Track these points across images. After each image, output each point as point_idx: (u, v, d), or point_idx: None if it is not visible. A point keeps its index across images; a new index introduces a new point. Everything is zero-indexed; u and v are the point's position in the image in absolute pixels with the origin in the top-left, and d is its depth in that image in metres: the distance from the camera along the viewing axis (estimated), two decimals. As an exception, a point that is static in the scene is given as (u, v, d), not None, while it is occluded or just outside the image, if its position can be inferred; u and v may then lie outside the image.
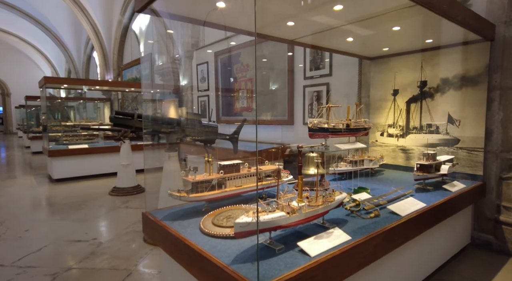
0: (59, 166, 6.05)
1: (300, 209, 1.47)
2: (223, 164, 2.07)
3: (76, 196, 4.96)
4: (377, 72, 3.58)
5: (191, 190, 1.97)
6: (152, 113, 5.57)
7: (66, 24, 15.97)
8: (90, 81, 6.52)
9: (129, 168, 5.15)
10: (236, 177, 2.09)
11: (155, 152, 5.10)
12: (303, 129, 4.80)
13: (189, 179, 1.95)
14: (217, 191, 1.99)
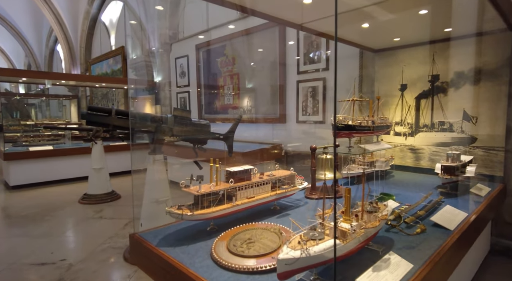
0: (17, 170, 5.29)
1: (354, 233, 1.11)
2: (233, 171, 1.67)
3: (39, 206, 4.30)
4: (383, 65, 3.32)
5: (194, 204, 1.56)
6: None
7: (23, 12, 14.56)
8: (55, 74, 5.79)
9: (102, 173, 4.56)
10: (248, 186, 1.70)
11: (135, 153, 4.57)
12: (297, 127, 4.48)
13: (192, 190, 1.52)
14: (227, 205, 1.58)
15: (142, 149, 6.37)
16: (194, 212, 1.46)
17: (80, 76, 6.55)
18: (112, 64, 9.23)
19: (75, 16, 11.19)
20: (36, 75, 5.55)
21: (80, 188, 5.35)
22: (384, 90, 3.34)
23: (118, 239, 3.11)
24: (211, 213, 1.50)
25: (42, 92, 15.24)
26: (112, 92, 9.43)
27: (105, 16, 10.21)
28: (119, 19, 9.41)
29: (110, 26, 10.02)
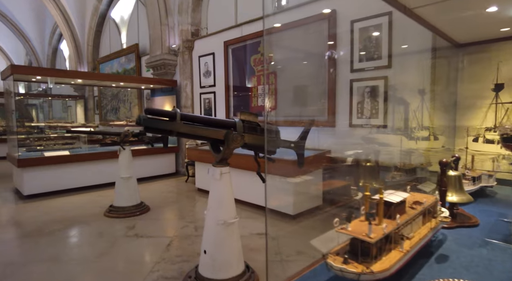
0: (32, 178, 4.79)
1: None
2: (395, 202, 1.20)
3: (61, 220, 3.81)
4: (471, 62, 2.89)
5: (352, 253, 1.09)
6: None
7: (26, 10, 14.02)
8: (71, 72, 5.28)
9: (131, 182, 4.08)
10: (409, 221, 1.24)
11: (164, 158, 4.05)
12: (350, 132, 4.03)
13: (356, 234, 1.06)
14: (398, 253, 1.12)
15: (169, 154, 5.90)
16: (370, 268, 1.00)
17: (94, 75, 6.05)
18: (124, 63, 8.74)
19: (82, 12, 10.68)
20: (51, 74, 5.04)
21: (101, 197, 4.87)
22: (471, 90, 2.91)
23: (167, 265, 2.64)
24: (391, 268, 1.04)
25: (45, 92, 14.70)
26: (123, 92, 8.94)
27: (115, 13, 9.72)
28: (131, 16, 8.92)
29: (121, 23, 9.52)
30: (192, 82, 6.53)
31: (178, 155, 6.79)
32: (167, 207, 4.36)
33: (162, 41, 6.58)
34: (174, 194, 5.09)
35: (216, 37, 5.90)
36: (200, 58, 6.26)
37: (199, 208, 4.30)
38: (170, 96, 6.85)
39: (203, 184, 5.10)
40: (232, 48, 5.52)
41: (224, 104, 5.77)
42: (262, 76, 5.02)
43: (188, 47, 6.45)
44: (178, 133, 2.07)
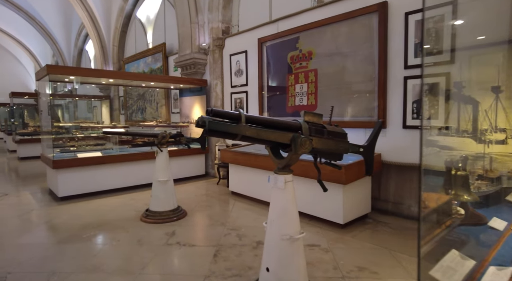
0: (66, 180, 4.72)
1: None
2: None
3: (98, 224, 3.68)
4: (562, 54, 2.51)
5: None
6: None
7: (54, 12, 14.31)
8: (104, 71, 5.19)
9: (168, 185, 3.91)
10: None
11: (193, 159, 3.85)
12: (404, 133, 3.70)
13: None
14: None
15: (198, 155, 5.67)
16: None
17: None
18: (151, 63, 8.67)
19: (108, 13, 10.74)
20: (87, 73, 4.96)
21: (133, 200, 4.74)
22: (563, 87, 2.53)
23: (218, 280, 2.42)
24: None
25: (70, 92, 14.98)
26: (150, 92, 8.88)
27: (141, 13, 9.69)
28: (158, 15, 8.84)
29: (147, 23, 9.48)
30: (222, 82, 6.33)
31: (208, 156, 6.62)
32: (203, 212, 4.17)
33: (192, 40, 6.42)
34: (207, 197, 4.90)
35: (249, 34, 5.68)
36: (231, 56, 6.05)
37: (237, 213, 4.08)
38: (199, 96, 6.69)
39: (237, 187, 4.89)
40: (267, 45, 5.27)
41: (257, 104, 5.54)
42: (301, 74, 4.74)
43: (219, 45, 6.26)
44: (243, 136, 1.84)
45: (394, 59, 3.73)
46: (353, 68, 4.11)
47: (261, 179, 4.38)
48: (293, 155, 1.94)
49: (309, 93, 4.65)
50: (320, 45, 4.47)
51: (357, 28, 4.02)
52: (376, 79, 3.86)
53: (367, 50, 3.94)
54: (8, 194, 5.15)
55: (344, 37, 4.18)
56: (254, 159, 4.34)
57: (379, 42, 3.78)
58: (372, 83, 3.92)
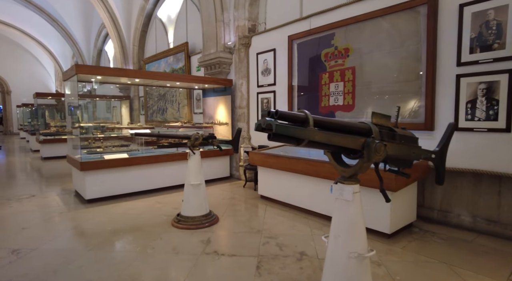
0: (94, 182, 4.62)
1: None
2: None
3: (129, 229, 3.55)
4: None
5: None
6: None
7: (75, 14, 14.49)
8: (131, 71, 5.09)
9: (200, 189, 3.74)
10: None
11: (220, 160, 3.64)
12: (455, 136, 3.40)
13: None
14: None
15: (223, 156, 5.44)
16: None
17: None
18: (173, 62, 8.58)
19: (129, 13, 10.73)
20: (113, 73, 4.86)
21: (160, 203, 4.60)
22: None
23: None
24: None
25: (89, 93, 15.13)
26: (171, 92, 8.79)
27: (162, 12, 9.62)
28: (179, 14, 8.73)
29: (168, 22, 9.40)
30: (248, 81, 6.14)
31: (232, 158, 6.45)
32: (235, 217, 3.98)
33: (217, 39, 6.26)
34: (237, 201, 4.72)
35: (277, 32, 5.46)
36: (258, 55, 5.85)
37: (271, 220, 3.87)
38: (223, 96, 6.53)
39: (267, 191, 4.68)
40: (298, 43, 5.04)
41: (286, 104, 5.32)
42: (336, 72, 4.50)
43: (245, 44, 6.07)
44: (310, 142, 1.63)
45: (444, 56, 3.44)
46: (396, 65, 3.84)
47: (298, 185, 4.16)
48: (365, 163, 1.71)
49: (346, 93, 4.40)
50: (358, 41, 4.21)
51: (402, 23, 3.74)
52: (422, 78, 3.58)
53: (412, 46, 3.66)
54: (35, 196, 5.11)
55: (386, 33, 3.91)
56: (290, 162, 4.12)
57: (427, 37, 3.49)
58: (417, 82, 3.64)
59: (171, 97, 8.85)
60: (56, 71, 22.13)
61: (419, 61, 3.61)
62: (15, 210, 4.31)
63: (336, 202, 1.85)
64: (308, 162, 3.88)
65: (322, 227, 3.61)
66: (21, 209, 4.38)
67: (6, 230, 3.57)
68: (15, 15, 16.62)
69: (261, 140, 5.85)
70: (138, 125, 5.75)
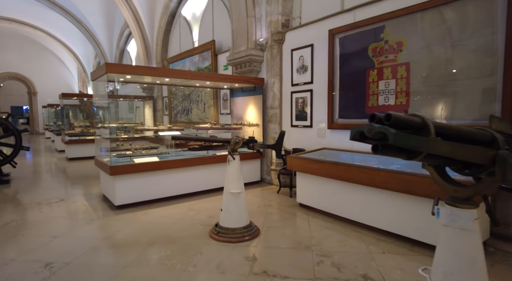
0: (123, 188, 4.39)
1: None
2: None
3: (165, 242, 3.26)
4: None
5: None
6: None
7: (98, 15, 14.55)
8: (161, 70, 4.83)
9: (241, 198, 3.41)
10: None
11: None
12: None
13: None
14: None
15: (253, 160, 4.99)
16: None
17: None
18: (198, 62, 8.32)
19: (152, 12, 10.58)
20: (154, 73, 4.66)
21: (193, 211, 4.31)
22: None
23: None
24: None
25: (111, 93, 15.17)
26: (196, 92, 8.54)
27: (186, 10, 9.39)
28: (205, 11, 8.46)
29: (193, 20, 9.16)
30: (281, 80, 5.77)
31: (263, 161, 6.10)
32: (277, 229, 3.62)
33: (248, 35, 5.92)
34: (274, 210, 4.36)
35: (316, 26, 5.07)
36: (293, 51, 5.47)
37: (318, 233, 3.48)
38: (253, 96, 6.19)
39: (308, 199, 4.30)
40: (341, 37, 4.63)
41: (325, 104, 4.91)
42: (386, 68, 4.06)
43: (278, 40, 5.70)
44: (429, 155, 1.25)
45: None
46: (462, 61, 3.37)
47: (345, 194, 3.76)
48: (495, 182, 1.31)
49: (398, 91, 3.95)
50: (413, 34, 3.76)
51: (470, 11, 3.27)
52: (498, 74, 3.10)
53: (484, 38, 3.19)
54: (64, 200, 4.93)
55: (448, 24, 3.44)
56: (337, 169, 3.72)
57: (507, 27, 3.01)
58: (491, 79, 3.16)
59: (196, 97, 8.61)
60: (79, 72, 22.52)
61: (493, 55, 3.13)
62: (45, 216, 4.13)
63: (446, 230, 1.46)
64: (360, 169, 3.48)
65: (377, 242, 3.20)
66: (51, 214, 4.20)
67: (38, 238, 3.36)
68: (42, 18, 16.94)
69: (294, 142, 5.48)
70: (167, 127, 5.49)
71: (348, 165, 3.64)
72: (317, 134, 5.09)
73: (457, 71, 3.42)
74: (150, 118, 11.10)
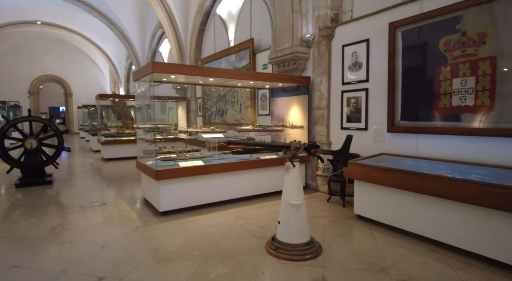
0: (168, 193, 4.18)
1: None
2: None
3: (219, 257, 2.97)
4: None
5: None
6: None
7: (131, 17, 14.76)
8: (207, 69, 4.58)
9: (301, 211, 3.05)
10: None
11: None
12: None
13: None
14: None
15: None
16: None
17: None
18: (234, 61, 8.06)
19: (186, 12, 10.48)
20: (200, 72, 4.44)
21: (241, 219, 4.01)
22: None
23: None
24: None
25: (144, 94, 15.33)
26: (232, 93, 8.28)
27: (222, 8, 9.18)
28: (242, 9, 8.19)
29: (228, 19, 8.92)
30: (329, 78, 5.36)
31: (308, 166, 5.71)
32: (339, 245, 3.23)
33: (293, 31, 5.55)
34: (329, 222, 3.96)
35: (372, 19, 4.62)
36: (344, 47, 5.04)
37: (388, 251, 3.06)
38: (295, 96, 5.82)
39: (368, 211, 3.87)
40: (404, 31, 4.15)
41: (384, 104, 4.45)
42: (463, 64, 3.55)
43: (326, 35, 5.29)
44: None
45: None
46: None
47: (418, 207, 3.31)
48: None
49: (479, 90, 3.43)
50: (501, 23, 3.23)
51: None
52: None
53: None
54: (106, 203, 4.81)
55: (552, 9, 2.90)
56: (408, 178, 3.27)
57: None
58: None
59: (231, 97, 8.36)
60: (110, 73, 23.15)
61: None
62: (90, 221, 3.99)
63: None
64: (440, 180, 3.01)
65: (466, 267, 2.73)
66: (95, 220, 4.05)
67: (86, 247, 3.18)
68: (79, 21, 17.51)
69: (346, 146, 5.03)
70: (210, 129, 5.23)
71: (423, 175, 3.18)
72: (373, 138, 4.63)
73: (563, 65, 2.87)
74: (183, 119, 11.02)
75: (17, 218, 4.13)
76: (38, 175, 6.19)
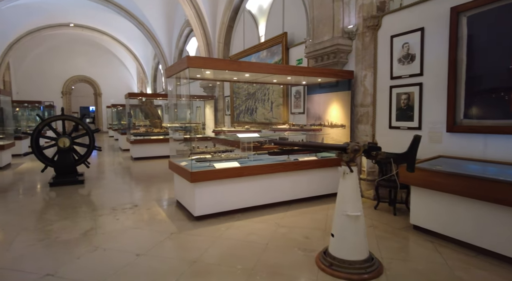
0: (203, 196, 3.90)
1: None
2: None
3: (267, 273, 2.64)
4: None
5: None
6: None
7: (159, 16, 14.81)
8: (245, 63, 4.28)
9: (359, 223, 2.65)
10: None
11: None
12: None
13: None
14: None
15: (330, 168, 3.97)
16: None
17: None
18: (266, 57, 7.72)
19: (214, 8, 10.26)
20: (237, 67, 4.14)
21: (282, 227, 3.65)
22: None
23: None
24: None
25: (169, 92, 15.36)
26: (263, 90, 7.94)
27: (251, 3, 8.86)
28: (273, 3, 7.82)
29: (259, 14, 8.59)
30: (375, 72, 4.88)
31: (349, 169, 5.25)
32: (402, 263, 2.80)
33: (334, 22, 5.12)
34: (383, 233, 3.52)
35: (427, 5, 4.10)
36: (393, 38, 4.55)
37: (464, 273, 2.59)
38: (334, 92, 5.39)
39: (430, 222, 3.39)
40: (470, 16, 3.62)
41: (442, 100, 3.93)
42: (551, 52, 2.99)
43: (372, 26, 4.82)
44: None
45: None
46: None
47: (494, 220, 2.80)
48: None
49: None
50: None
51: None
52: None
53: None
54: (138, 206, 4.63)
55: None
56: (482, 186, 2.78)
57: None
58: None
59: (262, 95, 8.02)
60: (138, 72, 23.55)
61: None
62: (123, 225, 3.79)
63: None
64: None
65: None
66: (127, 224, 3.85)
67: (121, 255, 2.96)
68: (108, 23, 17.87)
69: (394, 147, 4.55)
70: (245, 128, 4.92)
71: (501, 183, 2.68)
72: (429, 139, 4.12)
73: None
74: (211, 118, 10.83)
75: (51, 219, 4.02)
76: (70, 174, 6.16)
